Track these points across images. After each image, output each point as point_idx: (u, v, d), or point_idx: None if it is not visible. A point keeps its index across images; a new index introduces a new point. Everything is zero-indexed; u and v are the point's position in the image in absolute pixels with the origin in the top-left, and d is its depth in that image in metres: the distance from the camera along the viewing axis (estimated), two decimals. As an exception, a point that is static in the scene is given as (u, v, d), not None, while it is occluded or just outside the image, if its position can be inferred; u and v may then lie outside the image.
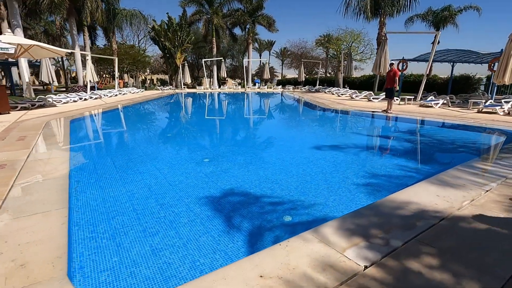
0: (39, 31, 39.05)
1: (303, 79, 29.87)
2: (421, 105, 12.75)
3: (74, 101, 15.61)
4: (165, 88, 28.09)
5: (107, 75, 42.92)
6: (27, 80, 17.06)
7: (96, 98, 17.26)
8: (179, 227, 2.83)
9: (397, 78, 10.73)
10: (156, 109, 15.54)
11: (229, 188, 3.81)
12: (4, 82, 32.03)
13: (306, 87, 28.95)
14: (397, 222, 2.56)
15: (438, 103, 12.19)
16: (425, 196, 3.13)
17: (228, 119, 11.58)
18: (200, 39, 38.63)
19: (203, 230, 2.77)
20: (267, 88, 31.73)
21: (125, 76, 40.93)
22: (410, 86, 24.23)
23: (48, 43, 39.17)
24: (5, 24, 17.47)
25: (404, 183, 3.81)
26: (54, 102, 14.03)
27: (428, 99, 12.93)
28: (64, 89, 27.25)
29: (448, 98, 12.52)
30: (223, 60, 31.96)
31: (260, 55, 66.85)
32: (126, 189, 3.80)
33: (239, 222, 2.93)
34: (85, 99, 16.63)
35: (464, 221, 2.58)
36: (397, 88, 10.83)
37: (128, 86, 29.88)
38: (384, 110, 10.94)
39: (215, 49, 34.78)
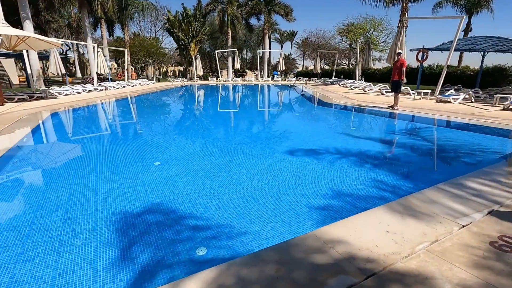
0: (63, 24, 40.39)
1: (319, 71, 28.39)
2: (438, 100, 11.28)
3: (78, 92, 15.68)
4: (176, 80, 27.92)
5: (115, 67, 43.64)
6: (35, 71, 17.36)
7: (101, 90, 17.28)
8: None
9: (404, 69, 9.44)
10: (149, 101, 15.13)
11: (159, 202, 3.14)
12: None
13: (322, 79, 27.51)
14: (299, 278, 1.76)
15: (457, 98, 10.69)
16: (370, 230, 2.27)
17: (212, 114, 10.90)
18: (217, 29, 38.00)
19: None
20: (281, 80, 30.60)
21: (149, 68, 41.44)
22: (435, 78, 22.11)
23: (71, 36, 40.48)
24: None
25: (363, 207, 2.94)
26: (55, 94, 14.11)
27: (447, 94, 11.42)
28: (80, 80, 27.91)
29: (471, 92, 10.94)
30: (237, 51, 31.08)
31: (282, 46, 65.30)
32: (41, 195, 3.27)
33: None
34: (90, 91, 16.69)
35: (401, 282, 1.73)
36: (405, 80, 9.54)
37: (140, 78, 30.03)
38: (391, 106, 9.73)
39: (230, 40, 34.00)
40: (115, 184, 3.62)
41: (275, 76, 37.18)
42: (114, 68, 52.68)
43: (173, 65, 53.58)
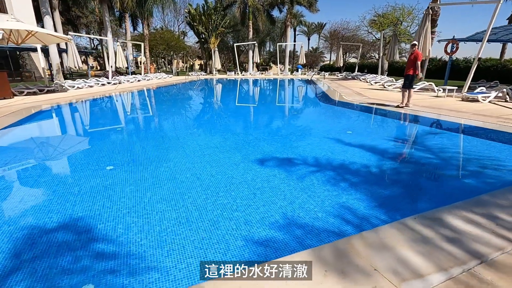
0: (93, 19, 42.04)
1: (341, 64, 26.82)
2: (464, 99, 9.86)
3: (90, 86, 15.98)
4: (194, 74, 27.86)
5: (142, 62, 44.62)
6: (55, 65, 17.98)
7: (114, 84, 17.52)
8: None
9: (418, 62, 8.22)
10: (153, 96, 14.93)
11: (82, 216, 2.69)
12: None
13: (344, 74, 26.00)
14: None
15: (488, 97, 9.24)
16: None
17: (206, 112, 10.36)
18: (238, 22, 37.39)
19: None
20: (301, 74, 29.42)
21: (173, 62, 42.09)
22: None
23: (100, 31, 41.99)
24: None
25: (308, 244, 2.24)
26: (68, 87, 14.43)
27: (475, 91, 9.94)
28: (102, 74, 28.85)
29: (505, 90, 9.40)
30: (256, 44, 30.30)
31: (309, 39, 63.27)
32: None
33: None
34: (103, 84, 16.97)
35: None
36: (420, 75, 8.36)
37: (159, 71, 30.34)
38: (398, 105, 8.58)
39: (251, 33, 33.27)
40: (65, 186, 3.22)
41: (299, 69, 35.86)
42: (143, 63, 54.45)
43: (195, 59, 54.05)
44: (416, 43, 8.62)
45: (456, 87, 10.88)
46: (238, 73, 30.37)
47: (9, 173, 3.84)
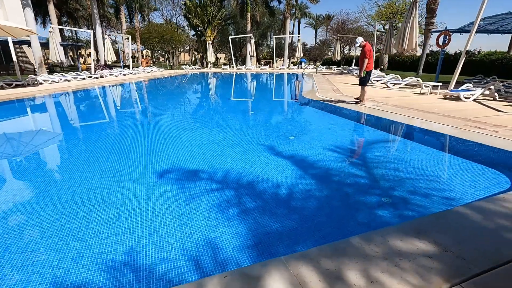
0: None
1: (339, 58, 25.59)
2: (445, 97, 8.85)
3: (67, 80, 15.60)
4: (189, 68, 27.24)
5: (148, 55, 44.19)
6: (37, 58, 17.66)
7: (94, 78, 17.07)
8: None
9: (365, 59, 7.25)
10: (130, 91, 14.41)
11: None
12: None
13: (341, 67, 24.81)
14: None
15: (473, 94, 8.22)
16: None
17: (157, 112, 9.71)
18: (238, 14, 36.35)
19: None
20: (297, 68, 28.33)
21: (176, 55, 41.40)
22: (476, 67, 18.49)
23: (101, 24, 41.73)
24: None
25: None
26: (42, 81, 14.07)
27: (460, 88, 8.92)
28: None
29: (493, 87, 8.33)
30: (252, 37, 29.30)
31: (316, 31, 61.42)
32: None
33: None
34: (82, 79, 16.57)
35: None
36: (362, 74, 7.46)
37: (151, 65, 29.83)
38: (357, 102, 7.84)
39: (249, 25, 32.21)
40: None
41: (303, 63, 34.58)
42: (131, 56, 54.14)
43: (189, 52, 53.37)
44: (362, 38, 7.59)
45: (441, 84, 9.84)
46: (233, 66, 29.55)
47: None
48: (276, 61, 51.25)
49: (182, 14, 33.26)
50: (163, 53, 43.53)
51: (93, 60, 18.53)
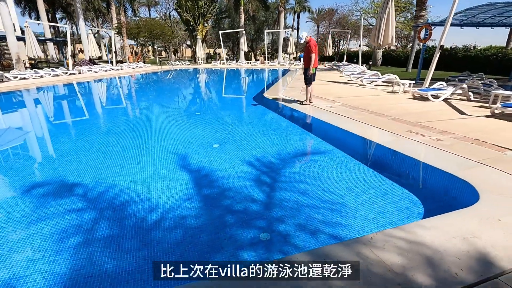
0: (90, 7, 41.46)
1: (330, 53, 24.66)
2: (414, 96, 8.10)
3: (40, 76, 15.18)
4: (178, 63, 26.69)
5: (138, 50, 43.59)
6: (14, 54, 17.29)
7: (71, 74, 16.63)
8: None
9: (312, 55, 6.53)
10: (101, 87, 13.93)
11: None
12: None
13: (332, 63, 23.92)
14: None
15: (444, 93, 7.46)
16: None
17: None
18: (232, 8, 35.55)
19: None
20: (288, 64, 27.46)
21: (170, 51, 40.75)
22: (471, 63, 17.52)
23: (96, 19, 41.39)
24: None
25: None
26: (11, 78, 13.70)
27: (431, 87, 8.15)
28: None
29: (465, 86, 7.53)
30: (244, 32, 28.52)
31: (318, 26, 60.06)
32: None
33: None
34: (57, 75, 16.14)
35: None
36: (311, 72, 6.76)
37: (139, 61, 29.28)
38: (301, 102, 7.23)
39: (242, 19, 31.42)
40: None
41: (302, 59, 33.60)
42: (114, 51, 53.56)
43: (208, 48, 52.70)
44: (306, 33, 6.86)
45: (413, 82, 9.05)
46: (223, 62, 28.87)
47: None
48: (277, 56, 50.31)
49: (174, 8, 32.61)
50: (165, 49, 42.97)
51: (70, 56, 18.07)
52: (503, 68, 15.41)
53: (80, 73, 17.20)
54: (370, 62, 19.55)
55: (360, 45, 17.48)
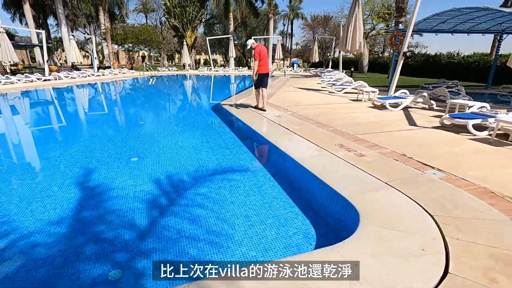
0: (80, 13, 41.44)
1: (316, 60, 24.44)
2: (375, 104, 7.75)
3: (11, 82, 14.86)
4: (162, 69, 26.44)
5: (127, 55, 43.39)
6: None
7: (45, 80, 16.31)
8: None
9: (256, 61, 6.21)
10: (70, 94, 13.62)
11: None
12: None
13: (318, 70, 23.67)
14: None
15: (404, 102, 7.11)
16: None
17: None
18: (222, 14, 35.49)
19: None
20: (289, 70, 27.17)
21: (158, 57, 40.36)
22: (454, 70, 17.29)
23: (89, 25, 41.26)
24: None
25: None
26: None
27: (392, 95, 7.83)
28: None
29: (426, 94, 7.18)
30: (231, 38, 28.36)
31: (314, 32, 60.17)
32: None
33: None
34: (31, 81, 15.81)
35: None
36: (254, 78, 6.45)
37: (123, 67, 29.02)
38: (255, 107, 6.96)
39: (231, 25, 31.31)
40: None
41: (295, 65, 33.33)
42: (96, 58, 53.20)
43: (198, 54, 52.63)
44: (252, 40, 6.58)
45: (377, 90, 8.72)
46: (210, 68, 28.65)
47: None
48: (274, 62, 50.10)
49: (163, 15, 32.52)
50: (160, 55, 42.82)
51: (46, 61, 17.78)
52: (484, 75, 15.15)
53: (55, 79, 16.88)
54: (352, 69, 19.24)
55: (339, 52, 17.25)
